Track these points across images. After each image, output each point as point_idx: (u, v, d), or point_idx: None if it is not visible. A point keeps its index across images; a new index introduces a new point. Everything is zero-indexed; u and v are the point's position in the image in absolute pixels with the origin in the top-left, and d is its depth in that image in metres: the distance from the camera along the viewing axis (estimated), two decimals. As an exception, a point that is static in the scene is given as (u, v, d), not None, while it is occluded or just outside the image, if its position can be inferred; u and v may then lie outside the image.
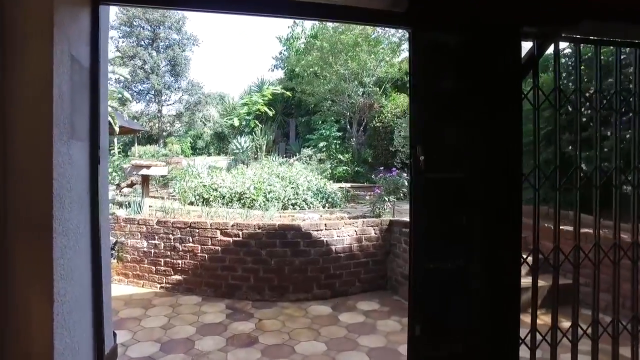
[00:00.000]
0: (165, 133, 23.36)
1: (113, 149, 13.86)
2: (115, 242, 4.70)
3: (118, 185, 8.34)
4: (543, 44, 2.15)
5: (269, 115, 16.16)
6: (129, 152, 17.70)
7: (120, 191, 7.78)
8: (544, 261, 2.19)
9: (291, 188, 6.71)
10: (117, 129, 11.48)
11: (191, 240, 4.50)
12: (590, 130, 3.70)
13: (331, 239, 4.45)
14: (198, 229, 4.49)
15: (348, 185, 9.48)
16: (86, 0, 1.71)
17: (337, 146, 12.90)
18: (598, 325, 2.21)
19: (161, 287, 4.59)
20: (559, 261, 2.19)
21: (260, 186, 6.56)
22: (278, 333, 3.50)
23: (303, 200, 6.58)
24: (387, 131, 12.13)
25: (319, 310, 4.07)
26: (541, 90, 2.14)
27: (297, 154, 12.56)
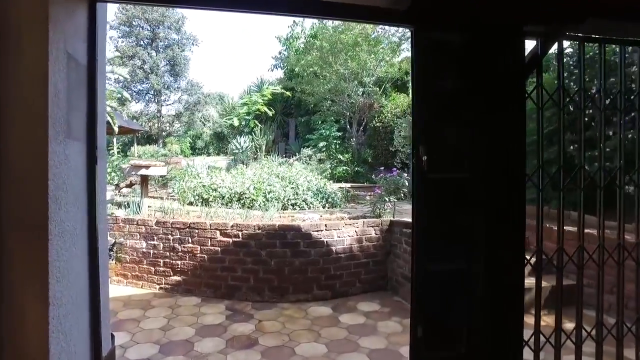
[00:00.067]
0: (164, 133, 23.31)
1: (112, 149, 13.83)
2: (113, 243, 4.67)
3: (117, 185, 8.32)
4: (546, 43, 2.13)
5: (269, 115, 16.13)
6: (128, 152, 17.65)
7: (119, 191, 7.75)
8: (548, 262, 2.17)
9: (291, 188, 6.68)
10: (116, 129, 11.45)
11: (190, 240, 4.47)
12: (591, 130, 3.68)
13: (331, 240, 4.42)
14: (197, 230, 4.46)
15: (348, 185, 9.45)
16: (83, -3, 1.68)
17: (337, 146, 12.87)
18: (602, 327, 2.18)
19: (160, 288, 4.56)
20: (563, 262, 2.16)
21: (260, 186, 6.53)
22: (278, 334, 3.48)
23: (303, 200, 6.55)
24: (387, 131, 12.10)
25: (319, 311, 4.04)
26: (545, 89, 2.12)
27: (297, 154, 12.52)
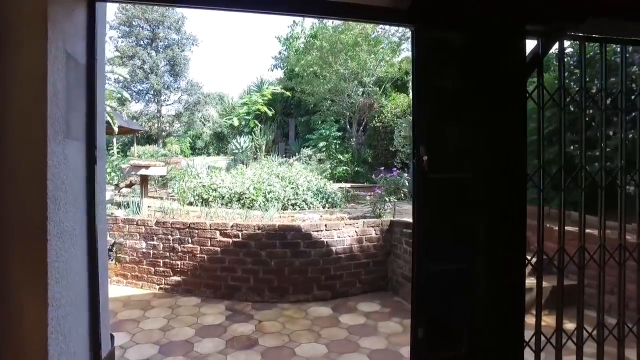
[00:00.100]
0: (164, 133, 23.30)
1: (112, 149, 13.82)
2: (113, 243, 4.66)
3: (117, 185, 8.31)
4: (547, 43, 2.12)
5: (269, 115, 16.12)
6: (128, 152, 17.64)
7: (119, 191, 7.74)
8: (549, 262, 2.16)
9: (291, 188, 6.67)
10: (116, 129, 11.45)
11: (190, 241, 4.46)
12: (591, 129, 3.68)
13: (331, 240, 4.41)
14: (197, 230, 4.45)
15: (348, 185, 9.45)
16: (82, -4, 1.67)
17: (337, 146, 12.86)
18: (603, 327, 2.18)
19: (160, 288, 4.55)
20: (564, 262, 2.16)
21: (259, 186, 6.52)
22: (278, 335, 3.47)
23: (303, 200, 6.54)
24: (387, 131, 12.09)
25: (320, 311, 4.03)
26: (546, 89, 2.11)
27: (297, 154, 12.51)
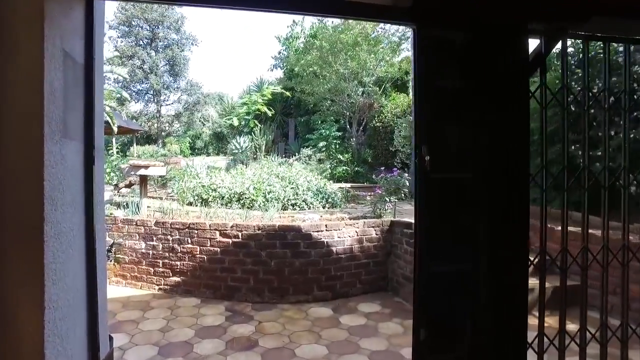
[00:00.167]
0: (164, 133, 23.28)
1: (111, 149, 13.79)
2: (112, 244, 4.64)
3: (116, 185, 8.28)
4: (550, 41, 2.10)
5: (268, 115, 16.10)
6: (128, 152, 17.62)
7: (118, 191, 7.71)
8: (551, 263, 2.14)
9: (291, 188, 6.64)
10: (115, 129, 11.45)
11: (190, 241, 4.44)
12: (592, 129, 3.66)
13: (332, 240, 4.39)
14: (197, 230, 4.43)
15: (348, 185, 9.42)
16: (80, -6, 1.65)
17: (337, 146, 12.83)
18: (607, 329, 2.16)
19: (159, 289, 4.53)
20: (567, 263, 2.14)
21: (259, 186, 6.49)
22: (278, 336, 3.45)
23: (303, 200, 6.52)
24: (387, 131, 12.06)
25: (320, 312, 4.01)
26: (549, 88, 2.09)
27: (297, 154, 12.48)
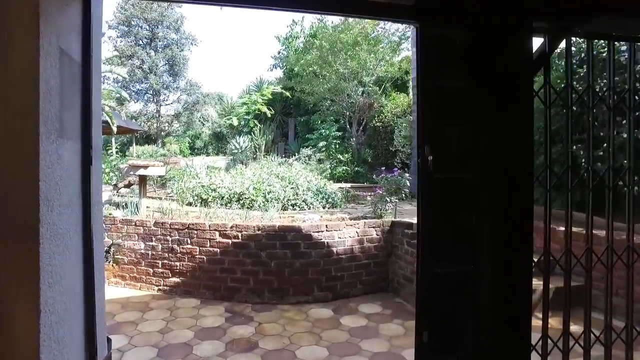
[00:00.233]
0: (163, 133, 23.25)
1: (110, 149, 13.75)
2: (111, 244, 4.61)
3: (115, 185, 8.24)
4: (554, 40, 2.07)
5: (268, 115, 16.07)
6: (127, 152, 17.59)
7: (117, 192, 7.67)
8: (555, 264, 2.12)
9: (291, 188, 6.61)
10: (115, 129, 11.40)
11: (189, 241, 4.41)
12: (595, 129, 3.65)
13: (332, 241, 4.37)
14: (196, 231, 4.40)
15: (348, 185, 9.40)
16: (77, -10, 1.62)
17: (337, 146, 12.80)
18: (611, 330, 2.13)
19: (159, 290, 4.50)
20: (571, 264, 2.11)
21: (259, 186, 6.46)
22: (278, 337, 3.42)
23: (303, 200, 6.49)
24: (387, 131, 12.04)
25: (320, 313, 3.98)
26: (553, 88, 2.06)
27: (296, 154, 12.45)
